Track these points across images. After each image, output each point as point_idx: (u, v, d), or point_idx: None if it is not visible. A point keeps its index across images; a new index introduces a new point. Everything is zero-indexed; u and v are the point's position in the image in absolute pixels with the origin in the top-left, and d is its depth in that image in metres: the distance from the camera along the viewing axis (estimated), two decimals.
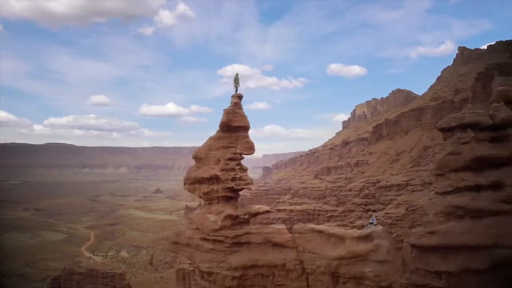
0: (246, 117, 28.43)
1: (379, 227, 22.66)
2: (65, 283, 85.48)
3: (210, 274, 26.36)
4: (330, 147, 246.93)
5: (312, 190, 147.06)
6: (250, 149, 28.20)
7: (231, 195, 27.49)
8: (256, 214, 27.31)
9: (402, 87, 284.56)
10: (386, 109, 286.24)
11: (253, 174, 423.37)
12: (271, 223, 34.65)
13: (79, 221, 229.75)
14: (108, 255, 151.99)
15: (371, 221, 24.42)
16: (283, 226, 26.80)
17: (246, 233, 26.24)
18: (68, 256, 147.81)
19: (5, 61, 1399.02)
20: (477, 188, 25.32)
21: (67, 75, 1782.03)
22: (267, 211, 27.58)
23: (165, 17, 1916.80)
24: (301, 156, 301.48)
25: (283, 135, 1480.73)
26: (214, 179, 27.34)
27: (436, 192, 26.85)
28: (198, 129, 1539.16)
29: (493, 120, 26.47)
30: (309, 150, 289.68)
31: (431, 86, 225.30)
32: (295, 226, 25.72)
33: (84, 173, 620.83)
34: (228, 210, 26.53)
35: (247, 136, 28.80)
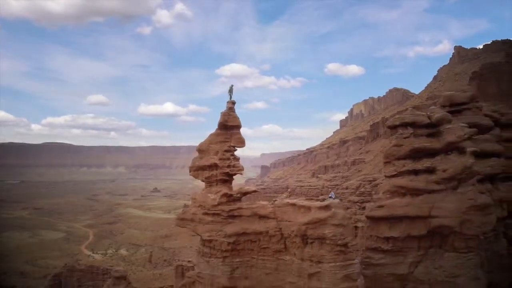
0: (239, 118, 35.82)
1: (336, 200, 30.05)
2: (66, 280, 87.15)
3: (210, 241, 33.64)
4: (327, 146, 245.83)
5: (309, 188, 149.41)
6: (242, 143, 35.58)
7: (227, 179, 34.59)
8: (246, 193, 34.78)
9: (399, 86, 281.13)
10: (383, 108, 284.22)
11: (251, 172, 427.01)
12: None
13: (77, 220, 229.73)
14: (107, 253, 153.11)
15: (330, 196, 32.03)
16: (267, 202, 34.31)
17: (239, 208, 33.13)
18: (68, 254, 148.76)
19: (3, 61, 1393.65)
20: (415, 172, 32.20)
21: (65, 75, 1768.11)
22: (254, 191, 35.25)
23: (163, 16, 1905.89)
24: (299, 155, 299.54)
25: (281, 134, 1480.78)
26: (214, 166, 34.45)
27: (385, 176, 34.35)
28: (196, 128, 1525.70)
29: (430, 119, 33.95)
30: (306, 149, 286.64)
31: (427, 85, 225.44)
32: (276, 202, 33.11)
33: (82, 172, 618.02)
34: (225, 190, 33.48)
35: (239, 133, 36.16)
